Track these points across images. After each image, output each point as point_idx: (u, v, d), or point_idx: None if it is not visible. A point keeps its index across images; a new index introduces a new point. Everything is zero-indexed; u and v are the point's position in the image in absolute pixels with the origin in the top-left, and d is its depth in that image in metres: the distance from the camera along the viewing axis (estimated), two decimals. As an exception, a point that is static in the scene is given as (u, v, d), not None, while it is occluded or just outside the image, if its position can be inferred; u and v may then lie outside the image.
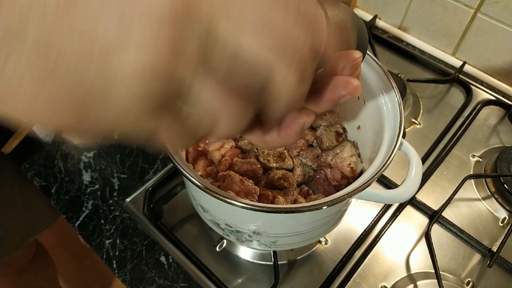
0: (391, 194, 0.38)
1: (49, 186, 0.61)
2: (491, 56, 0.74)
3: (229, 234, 0.43)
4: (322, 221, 0.41)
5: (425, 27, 0.80)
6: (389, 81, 0.42)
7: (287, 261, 0.54)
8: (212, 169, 0.45)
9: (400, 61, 0.80)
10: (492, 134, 0.69)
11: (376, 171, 0.35)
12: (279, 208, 0.33)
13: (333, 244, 0.56)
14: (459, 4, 0.72)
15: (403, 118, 0.40)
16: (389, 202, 0.40)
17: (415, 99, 0.73)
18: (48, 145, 0.66)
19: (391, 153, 0.37)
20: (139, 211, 0.57)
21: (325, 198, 0.34)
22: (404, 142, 0.40)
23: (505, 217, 0.59)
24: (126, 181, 0.62)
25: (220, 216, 0.41)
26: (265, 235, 0.41)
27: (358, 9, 0.88)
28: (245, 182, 0.41)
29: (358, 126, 0.48)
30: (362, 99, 0.46)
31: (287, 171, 0.46)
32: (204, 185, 0.33)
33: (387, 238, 0.56)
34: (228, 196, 0.32)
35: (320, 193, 0.45)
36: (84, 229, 0.57)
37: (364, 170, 0.43)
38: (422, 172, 0.39)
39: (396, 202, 0.58)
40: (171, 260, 0.54)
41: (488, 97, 0.73)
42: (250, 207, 0.32)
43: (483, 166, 0.64)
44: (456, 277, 0.53)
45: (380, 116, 0.42)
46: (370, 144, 0.45)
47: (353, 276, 0.53)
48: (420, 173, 0.39)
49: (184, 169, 0.33)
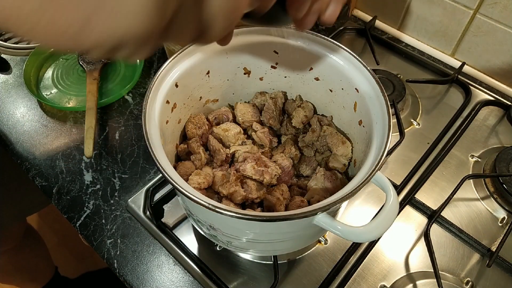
0: (351, 231, 0.35)
1: (51, 186, 0.61)
2: (490, 57, 0.75)
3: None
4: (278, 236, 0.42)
5: (424, 27, 0.80)
6: (382, 95, 0.42)
7: (287, 261, 0.54)
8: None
9: (399, 62, 0.80)
10: (491, 134, 0.69)
11: (341, 196, 0.35)
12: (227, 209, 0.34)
13: (333, 244, 0.56)
14: (458, 5, 0.72)
15: (390, 140, 0.38)
16: (348, 239, 0.35)
17: (414, 100, 0.73)
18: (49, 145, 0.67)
19: (362, 182, 0.35)
20: (140, 211, 0.58)
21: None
22: (380, 176, 0.37)
23: (504, 217, 0.59)
24: (127, 181, 0.62)
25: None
26: (220, 232, 0.42)
27: (357, 10, 0.88)
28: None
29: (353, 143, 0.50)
30: (359, 120, 0.47)
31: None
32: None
33: (386, 237, 0.57)
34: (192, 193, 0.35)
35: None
36: (85, 229, 0.57)
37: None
38: (396, 212, 0.35)
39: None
40: (171, 260, 0.54)
41: (487, 97, 0.74)
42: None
43: (482, 166, 0.64)
44: (455, 277, 0.54)
45: (371, 133, 0.43)
46: (360, 156, 0.46)
47: (352, 276, 0.53)
48: (393, 214, 0.35)
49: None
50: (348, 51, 0.46)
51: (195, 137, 0.50)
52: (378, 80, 0.43)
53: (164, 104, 0.44)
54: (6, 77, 0.77)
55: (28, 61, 0.75)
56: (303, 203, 0.46)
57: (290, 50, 0.50)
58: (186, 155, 0.50)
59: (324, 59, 0.48)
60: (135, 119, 0.70)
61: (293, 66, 0.52)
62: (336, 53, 0.47)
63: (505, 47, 0.71)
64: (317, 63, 0.50)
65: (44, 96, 0.73)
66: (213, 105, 0.56)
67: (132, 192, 0.60)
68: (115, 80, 0.76)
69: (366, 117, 0.45)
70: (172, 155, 0.49)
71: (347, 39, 0.85)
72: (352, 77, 0.46)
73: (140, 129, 0.68)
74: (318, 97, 0.54)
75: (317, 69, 0.51)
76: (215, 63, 0.50)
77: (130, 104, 0.73)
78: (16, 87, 0.76)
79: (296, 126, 0.53)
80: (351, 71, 0.46)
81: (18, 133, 0.68)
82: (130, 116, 0.71)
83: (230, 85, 0.54)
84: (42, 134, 0.68)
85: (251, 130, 0.54)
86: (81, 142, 0.67)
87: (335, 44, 0.47)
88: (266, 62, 0.52)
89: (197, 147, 0.49)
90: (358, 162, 0.47)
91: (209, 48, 0.48)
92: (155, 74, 0.44)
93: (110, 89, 0.74)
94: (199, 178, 0.45)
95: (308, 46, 0.49)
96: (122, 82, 0.75)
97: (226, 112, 0.55)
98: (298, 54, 0.50)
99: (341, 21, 0.87)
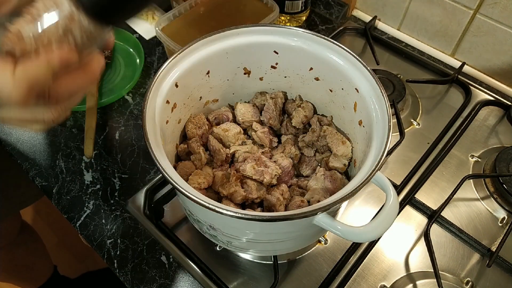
0: (351, 231, 0.35)
1: (51, 186, 0.61)
2: (490, 57, 0.75)
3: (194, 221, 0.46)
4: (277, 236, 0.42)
5: (424, 28, 0.80)
6: (382, 95, 0.42)
7: (287, 261, 0.54)
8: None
9: (400, 62, 0.80)
10: (491, 134, 0.69)
11: (341, 196, 0.35)
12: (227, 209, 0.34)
13: (333, 244, 0.56)
14: (458, 5, 0.72)
15: (388, 145, 0.38)
16: (348, 239, 0.35)
17: (414, 100, 0.73)
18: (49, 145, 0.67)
19: (362, 182, 0.35)
20: (140, 211, 0.58)
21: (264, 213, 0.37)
22: (380, 175, 0.37)
23: (504, 217, 0.59)
24: (127, 181, 0.62)
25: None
26: (220, 232, 0.42)
27: (357, 10, 0.88)
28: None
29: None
30: (359, 120, 0.47)
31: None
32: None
33: (386, 237, 0.57)
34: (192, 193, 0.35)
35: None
36: (85, 229, 0.57)
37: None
38: (396, 212, 0.36)
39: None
40: (171, 260, 0.54)
41: (487, 97, 0.74)
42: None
43: (482, 166, 0.64)
44: (455, 277, 0.54)
45: (371, 133, 0.43)
46: (360, 156, 0.46)
47: (352, 276, 0.53)
48: (393, 214, 0.35)
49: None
50: (348, 51, 0.46)
51: (195, 137, 0.50)
52: (378, 80, 0.43)
53: (164, 104, 0.44)
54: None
55: (28, 61, 0.75)
56: (303, 203, 0.46)
57: (290, 50, 0.50)
58: (186, 155, 0.50)
59: (324, 59, 0.48)
60: (135, 119, 0.70)
61: (293, 66, 0.52)
62: (336, 53, 0.47)
63: (505, 47, 0.71)
64: (317, 63, 0.50)
65: (44, 96, 0.73)
66: (213, 105, 0.56)
67: (132, 192, 0.60)
68: (115, 80, 0.76)
69: (366, 117, 0.45)
70: (172, 155, 0.49)
71: (347, 39, 0.85)
72: (352, 77, 0.46)
73: (140, 129, 0.68)
74: (318, 97, 0.54)
75: (317, 69, 0.51)
76: (215, 63, 0.50)
77: (130, 104, 0.73)
78: (16, 87, 0.76)
79: (296, 126, 0.53)
80: (351, 71, 0.46)
81: (18, 133, 0.68)
82: (130, 116, 0.71)
83: (230, 85, 0.54)
84: (42, 134, 0.68)
85: (251, 130, 0.54)
86: (81, 142, 0.67)
87: (335, 44, 0.47)
88: (266, 62, 0.52)
89: (197, 147, 0.49)
90: (358, 162, 0.47)
91: (210, 48, 0.48)
92: (155, 74, 0.44)
93: (110, 89, 0.74)
94: (199, 178, 0.45)
95: (308, 46, 0.49)
96: (122, 82, 0.75)
97: (226, 112, 0.55)
98: (298, 54, 0.50)
99: (341, 21, 0.87)
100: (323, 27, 0.86)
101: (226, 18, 0.74)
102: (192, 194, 0.35)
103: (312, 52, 0.49)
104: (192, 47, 0.47)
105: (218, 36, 0.48)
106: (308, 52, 0.49)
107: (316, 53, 0.48)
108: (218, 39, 0.48)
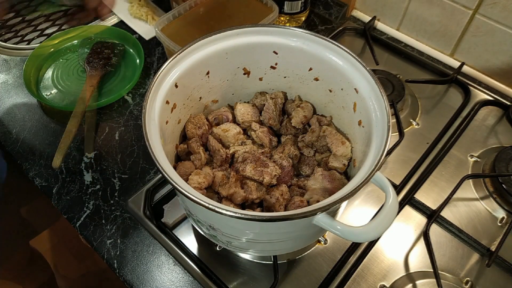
0: (350, 231, 0.35)
1: (51, 187, 0.61)
2: (490, 57, 0.75)
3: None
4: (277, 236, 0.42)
5: (423, 28, 0.80)
6: (381, 94, 0.42)
7: (287, 261, 0.55)
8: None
9: (399, 62, 0.80)
10: (490, 134, 0.69)
11: (341, 196, 0.35)
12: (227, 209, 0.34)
13: (333, 244, 0.56)
14: (457, 5, 0.72)
15: (388, 141, 0.38)
16: (347, 239, 0.35)
17: (414, 100, 0.73)
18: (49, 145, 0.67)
19: (361, 182, 0.36)
20: (140, 211, 0.58)
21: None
22: (380, 175, 0.37)
23: (503, 217, 0.59)
24: (127, 181, 0.62)
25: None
26: (220, 232, 0.43)
27: (356, 11, 0.89)
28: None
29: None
30: (359, 120, 0.47)
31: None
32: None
33: (386, 237, 0.57)
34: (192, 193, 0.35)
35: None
36: (85, 229, 0.57)
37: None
38: (396, 212, 0.36)
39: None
40: (171, 260, 0.54)
41: (486, 97, 0.74)
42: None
43: (481, 166, 0.64)
44: (454, 277, 0.54)
45: (370, 133, 0.43)
46: (360, 156, 0.46)
47: (352, 276, 0.53)
48: (393, 214, 0.35)
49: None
50: (347, 51, 0.46)
51: (195, 137, 0.50)
52: (378, 80, 0.43)
53: (164, 104, 0.44)
54: (6, 77, 0.77)
55: (28, 62, 0.75)
56: (303, 203, 0.46)
57: (289, 50, 0.50)
58: (186, 155, 0.50)
59: (324, 60, 0.48)
60: (135, 119, 0.70)
61: (293, 66, 0.52)
62: (335, 53, 0.47)
63: (504, 47, 0.71)
64: (316, 63, 0.50)
65: (44, 96, 0.73)
66: (213, 105, 0.56)
67: (132, 192, 0.60)
68: (115, 80, 0.76)
69: (366, 117, 0.45)
70: (172, 155, 0.49)
71: (346, 39, 0.85)
72: (352, 77, 0.46)
73: (140, 129, 0.68)
74: (318, 97, 0.54)
75: (317, 69, 0.51)
76: (215, 63, 0.50)
77: (130, 104, 0.73)
78: (16, 87, 0.76)
79: (296, 126, 0.54)
80: (350, 71, 0.46)
81: (18, 133, 0.68)
82: (130, 116, 0.71)
83: (230, 85, 0.55)
84: (42, 134, 0.68)
85: (251, 130, 0.54)
86: (81, 142, 0.67)
87: (335, 44, 0.47)
88: (265, 62, 0.53)
89: (197, 147, 0.49)
90: (357, 162, 0.48)
91: (209, 48, 0.48)
92: (155, 74, 0.44)
93: (110, 89, 0.74)
94: (199, 178, 0.45)
95: (307, 46, 0.49)
96: (122, 82, 0.75)
97: (225, 113, 0.55)
98: (298, 54, 0.50)
99: (341, 21, 0.87)
100: (323, 27, 0.86)
101: (225, 19, 0.74)
102: (192, 194, 0.35)
103: (312, 52, 0.49)
104: (192, 47, 0.47)
105: (217, 36, 0.48)
106: (308, 52, 0.49)
107: (316, 53, 0.49)
108: (217, 39, 0.48)
